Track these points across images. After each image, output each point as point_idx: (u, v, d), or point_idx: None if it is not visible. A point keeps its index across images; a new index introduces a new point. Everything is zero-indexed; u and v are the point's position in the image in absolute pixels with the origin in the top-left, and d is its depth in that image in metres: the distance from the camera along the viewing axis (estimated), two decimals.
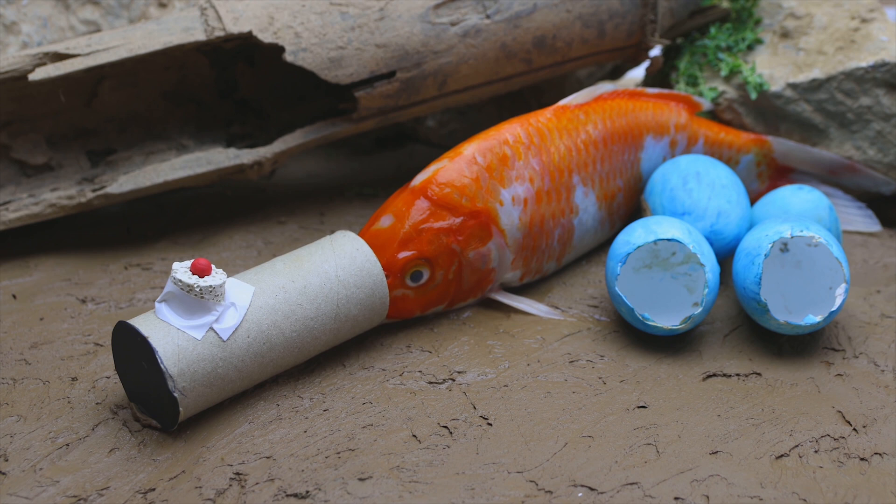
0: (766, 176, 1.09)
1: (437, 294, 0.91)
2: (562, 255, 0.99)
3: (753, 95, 1.09)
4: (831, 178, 1.09)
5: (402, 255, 0.89)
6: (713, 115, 1.12)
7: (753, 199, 1.08)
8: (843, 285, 0.87)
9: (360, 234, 0.91)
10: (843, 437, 0.81)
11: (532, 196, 0.94)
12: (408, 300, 0.90)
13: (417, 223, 0.90)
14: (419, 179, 0.92)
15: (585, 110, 1.00)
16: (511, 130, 0.95)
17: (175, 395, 0.77)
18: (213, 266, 0.79)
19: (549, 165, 0.96)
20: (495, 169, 0.93)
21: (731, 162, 1.08)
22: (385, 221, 0.91)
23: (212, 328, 0.79)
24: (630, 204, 1.03)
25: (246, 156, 1.01)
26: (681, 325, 0.89)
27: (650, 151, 1.04)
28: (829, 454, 0.80)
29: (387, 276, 0.88)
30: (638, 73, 1.21)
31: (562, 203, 0.97)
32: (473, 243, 0.91)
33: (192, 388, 0.78)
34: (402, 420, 0.81)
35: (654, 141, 1.04)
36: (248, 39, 0.99)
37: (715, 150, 1.07)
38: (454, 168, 0.92)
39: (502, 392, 0.84)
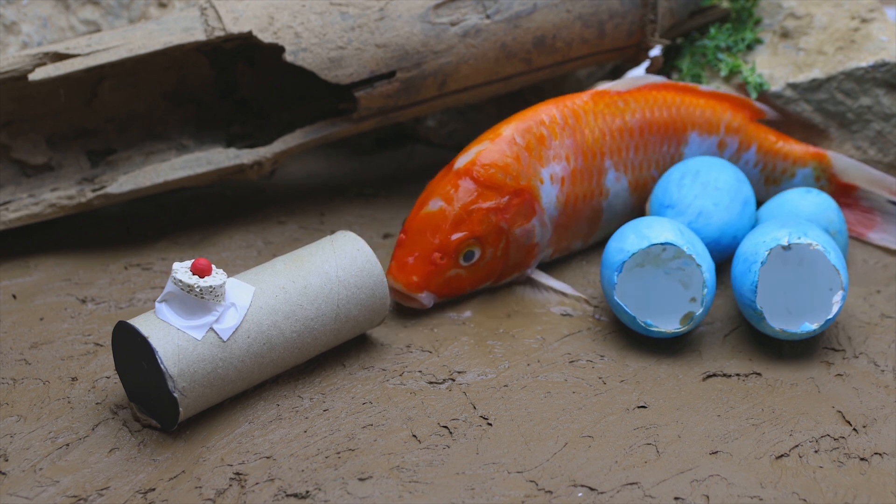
0: (829, 191, 1.06)
1: (486, 271, 0.95)
2: (589, 235, 1.02)
3: (754, 95, 1.09)
4: (893, 198, 1.05)
5: (455, 236, 0.93)
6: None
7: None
8: (840, 293, 0.87)
9: (409, 220, 0.94)
10: (843, 437, 0.81)
11: (568, 175, 0.98)
12: (461, 279, 0.94)
13: (467, 204, 0.93)
14: (462, 162, 0.95)
15: (625, 98, 1.01)
16: (547, 111, 0.98)
17: (175, 395, 0.77)
18: (213, 266, 0.79)
19: (581, 146, 0.98)
20: (534, 148, 0.96)
21: (785, 174, 1.06)
22: (434, 205, 0.94)
23: (212, 328, 0.79)
24: None
25: (246, 156, 1.01)
26: (682, 327, 0.89)
27: (694, 147, 1.04)
28: (829, 454, 0.80)
29: (441, 258, 0.92)
30: (638, 73, 1.21)
31: (593, 184, 0.99)
32: (519, 220, 0.95)
33: (192, 389, 0.78)
34: (402, 420, 0.81)
35: (699, 138, 1.04)
36: (248, 39, 0.99)
37: (769, 160, 1.06)
38: (496, 149, 0.95)
39: (502, 392, 0.84)
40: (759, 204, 1.08)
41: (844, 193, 1.07)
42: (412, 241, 0.93)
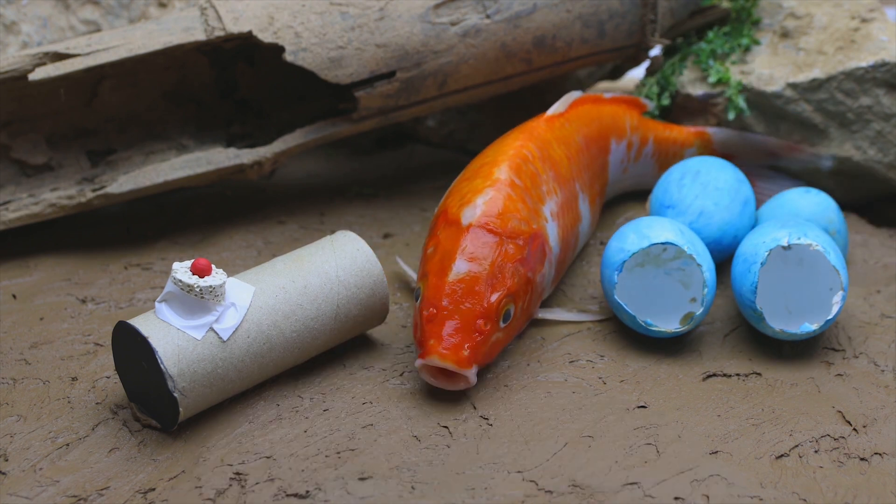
0: None
1: (516, 328, 0.88)
2: (568, 265, 0.98)
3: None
4: (773, 160, 1.10)
5: (495, 297, 0.84)
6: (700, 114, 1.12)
7: None
8: (840, 293, 0.87)
9: (433, 291, 0.84)
10: (844, 437, 0.81)
11: (559, 209, 0.94)
12: (499, 343, 0.85)
13: (495, 260, 0.85)
14: (473, 215, 0.87)
15: (568, 118, 1.00)
16: (524, 146, 0.94)
17: (175, 395, 0.77)
18: (213, 266, 0.79)
19: (559, 176, 0.95)
20: (531, 188, 0.91)
21: (676, 157, 1.10)
22: (459, 268, 0.84)
23: (212, 328, 0.79)
24: (601, 208, 1.05)
25: (246, 156, 1.01)
26: (683, 327, 0.89)
27: (615, 154, 1.05)
28: (830, 454, 0.80)
29: (486, 324, 0.83)
30: (638, 72, 1.21)
31: (574, 213, 0.96)
32: (539, 267, 0.89)
33: (192, 389, 0.78)
34: (402, 420, 0.81)
35: (616, 145, 1.05)
36: (248, 39, 0.99)
37: (663, 148, 1.09)
38: (502, 196, 0.88)
39: (502, 392, 0.84)
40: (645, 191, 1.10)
41: None
42: (449, 312, 0.83)
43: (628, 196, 1.11)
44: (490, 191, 0.89)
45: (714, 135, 1.11)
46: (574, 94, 1.02)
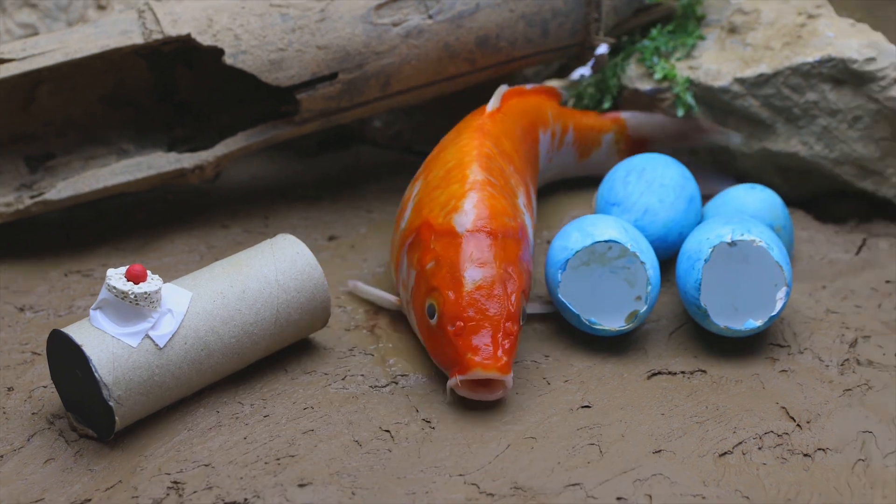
0: (624, 151, 1.11)
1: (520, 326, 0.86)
2: None
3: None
4: (685, 142, 1.11)
5: (514, 297, 0.83)
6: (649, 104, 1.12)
7: None
8: (784, 289, 0.87)
9: (453, 305, 0.82)
10: (787, 434, 0.81)
11: (527, 200, 0.94)
12: (517, 341, 0.84)
13: (503, 261, 0.84)
14: (467, 221, 0.85)
15: (504, 112, 0.99)
16: (483, 144, 0.93)
17: (110, 403, 0.76)
18: (148, 272, 0.78)
19: (517, 170, 0.95)
20: (504, 185, 0.91)
21: (595, 143, 1.10)
22: (473, 276, 0.83)
23: (148, 335, 0.78)
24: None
25: (187, 160, 1.00)
26: (627, 325, 0.89)
27: (542, 145, 1.05)
28: (773, 451, 0.79)
29: (513, 325, 0.82)
30: (584, 71, 1.20)
31: (531, 204, 0.97)
32: (531, 259, 0.90)
33: (129, 397, 0.76)
34: (343, 425, 0.80)
35: (543, 135, 1.05)
36: (186, 42, 0.98)
37: (582, 135, 1.09)
38: (485, 195, 0.87)
39: (446, 395, 0.84)
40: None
41: (640, 147, 1.11)
42: (477, 322, 0.81)
43: (575, 194, 1.10)
44: (473, 194, 0.88)
45: (628, 119, 1.11)
46: (503, 88, 1.01)
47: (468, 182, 0.89)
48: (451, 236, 0.85)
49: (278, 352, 0.87)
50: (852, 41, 1.06)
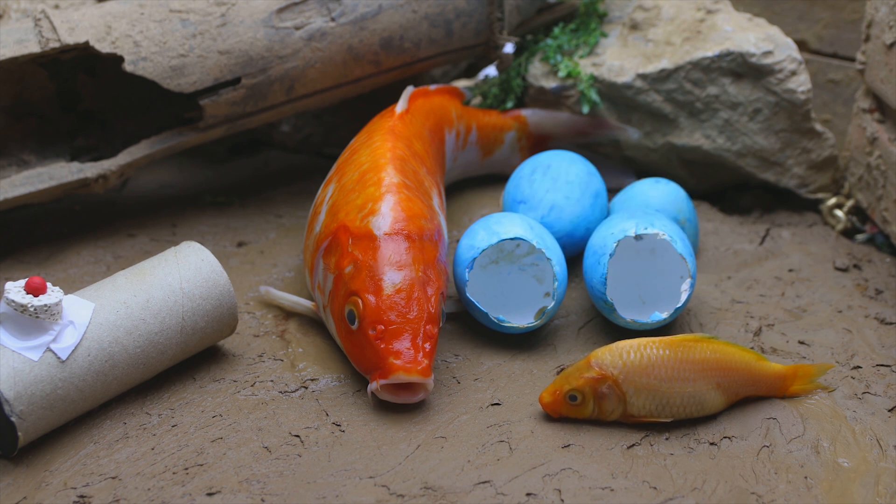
0: (526, 148, 1.13)
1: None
2: None
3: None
4: (584, 138, 1.13)
5: (433, 299, 0.83)
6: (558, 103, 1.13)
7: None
8: (689, 281, 0.89)
9: (373, 310, 0.81)
10: (693, 424, 0.82)
11: (440, 200, 0.95)
12: (437, 345, 0.84)
13: (423, 263, 0.84)
14: (385, 224, 0.85)
15: (412, 113, 1.00)
16: (395, 146, 0.93)
17: (13, 419, 0.74)
18: (48, 284, 0.77)
19: (429, 171, 0.95)
20: (418, 186, 0.91)
21: (497, 142, 1.12)
22: (392, 279, 0.83)
23: (49, 348, 0.76)
24: None
25: (90, 169, 0.98)
26: (535, 322, 0.89)
27: (448, 145, 1.06)
28: (680, 441, 0.80)
29: (433, 328, 0.82)
30: (490, 71, 1.21)
31: (443, 204, 0.97)
32: (447, 259, 0.90)
33: (32, 412, 0.75)
34: (252, 431, 0.80)
35: (449, 135, 1.06)
36: (85, 50, 0.97)
37: (485, 134, 1.11)
38: (402, 198, 0.87)
39: (355, 397, 0.84)
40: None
41: (542, 144, 1.13)
42: (398, 326, 0.81)
43: (483, 193, 1.11)
44: (389, 196, 0.87)
45: (529, 117, 1.13)
46: (410, 89, 1.01)
47: (384, 185, 0.88)
48: (369, 239, 0.85)
49: (187, 360, 0.86)
50: (750, 35, 1.08)
